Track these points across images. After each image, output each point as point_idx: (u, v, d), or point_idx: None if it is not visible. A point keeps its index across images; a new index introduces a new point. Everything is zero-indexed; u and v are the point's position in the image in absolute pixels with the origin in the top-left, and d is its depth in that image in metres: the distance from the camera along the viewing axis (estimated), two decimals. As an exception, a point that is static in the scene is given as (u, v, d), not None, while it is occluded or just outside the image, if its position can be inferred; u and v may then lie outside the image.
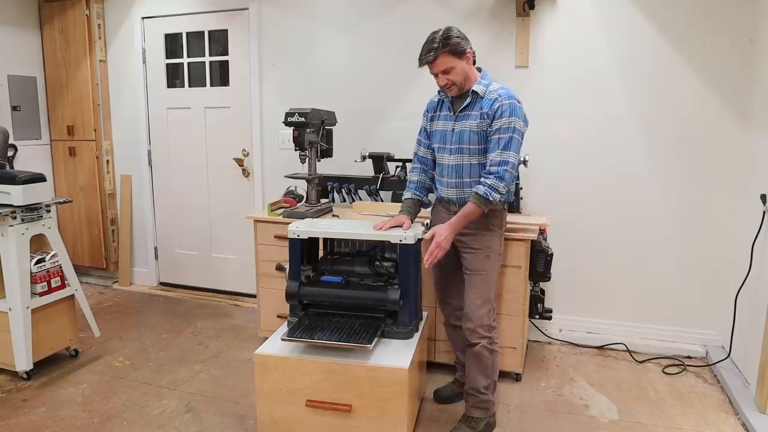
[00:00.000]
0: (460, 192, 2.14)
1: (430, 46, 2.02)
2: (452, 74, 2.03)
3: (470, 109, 2.09)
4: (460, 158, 2.12)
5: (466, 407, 2.23)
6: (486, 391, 2.16)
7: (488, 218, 2.13)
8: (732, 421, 2.29)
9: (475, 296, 2.12)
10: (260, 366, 2.06)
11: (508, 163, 2.00)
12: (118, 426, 2.26)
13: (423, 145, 2.30)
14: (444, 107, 2.19)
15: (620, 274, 2.99)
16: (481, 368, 2.14)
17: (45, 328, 2.66)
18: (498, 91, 2.05)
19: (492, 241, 2.15)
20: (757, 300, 2.42)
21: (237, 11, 3.54)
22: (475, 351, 2.12)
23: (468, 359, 2.18)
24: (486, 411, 2.19)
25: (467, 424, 2.18)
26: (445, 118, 2.17)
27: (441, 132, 2.18)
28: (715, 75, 2.71)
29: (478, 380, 2.16)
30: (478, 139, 2.07)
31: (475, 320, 2.11)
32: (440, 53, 2.00)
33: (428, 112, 2.27)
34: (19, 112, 3.81)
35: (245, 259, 3.72)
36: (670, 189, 2.86)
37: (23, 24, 3.81)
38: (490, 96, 2.05)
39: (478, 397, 2.17)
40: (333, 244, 2.43)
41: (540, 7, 2.91)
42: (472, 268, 2.15)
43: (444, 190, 2.19)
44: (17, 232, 2.51)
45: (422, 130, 2.30)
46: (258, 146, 3.62)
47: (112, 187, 4.05)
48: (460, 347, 2.39)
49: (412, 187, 2.31)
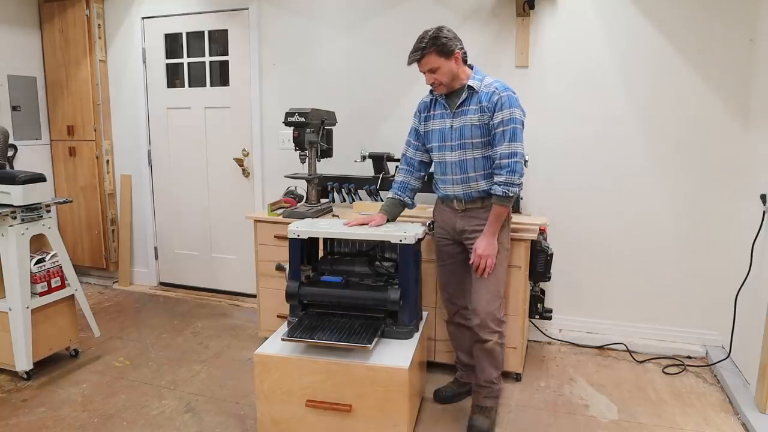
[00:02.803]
0: (467, 187, 2.14)
1: (418, 45, 2.05)
2: (438, 74, 2.06)
3: (468, 104, 2.10)
4: (464, 153, 2.12)
5: (477, 399, 2.26)
6: (498, 382, 2.24)
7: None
8: (732, 421, 2.29)
9: (486, 292, 2.14)
10: (260, 366, 2.06)
11: (517, 153, 2.04)
12: (118, 426, 2.26)
13: (412, 146, 2.30)
14: (438, 106, 2.19)
15: (620, 274, 2.99)
16: (493, 362, 2.19)
17: (45, 328, 2.66)
18: (494, 84, 2.08)
19: (501, 236, 2.15)
20: (757, 300, 2.42)
21: (237, 11, 3.54)
22: (488, 348, 2.15)
23: (479, 354, 2.20)
24: (497, 399, 2.28)
25: (482, 414, 2.22)
26: (442, 116, 2.17)
27: (439, 131, 2.17)
28: (715, 75, 2.71)
29: (491, 373, 2.20)
30: (480, 132, 2.09)
31: (486, 315, 2.13)
32: (427, 53, 2.03)
33: (420, 112, 2.26)
34: (19, 112, 3.81)
35: (245, 259, 3.72)
36: (670, 189, 2.86)
37: (23, 24, 3.80)
38: (487, 89, 2.08)
39: (491, 387, 2.23)
40: (333, 244, 2.43)
41: (540, 7, 2.91)
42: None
43: (449, 188, 2.18)
44: (17, 232, 2.51)
45: (413, 131, 2.30)
46: (258, 146, 3.62)
47: (112, 187, 4.05)
48: (463, 347, 2.40)
49: (395, 187, 2.33)
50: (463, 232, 2.19)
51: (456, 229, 2.21)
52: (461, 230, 2.19)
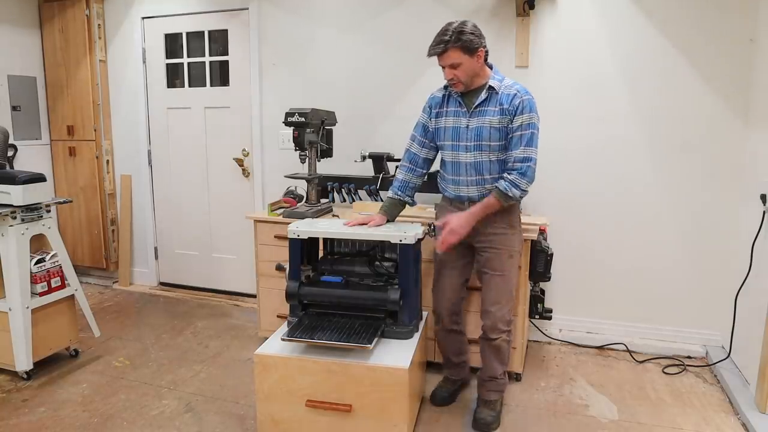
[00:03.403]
0: (482, 189, 2.10)
1: (441, 38, 1.95)
2: (459, 70, 1.99)
3: (487, 105, 2.04)
4: (480, 155, 2.07)
5: (482, 393, 2.28)
6: (503, 377, 2.26)
7: (512, 215, 2.13)
8: (732, 421, 2.29)
9: (499, 296, 2.13)
10: (260, 366, 2.06)
11: (531, 159, 2.01)
12: (118, 426, 2.26)
13: (418, 141, 2.23)
14: (451, 102, 2.12)
15: (620, 274, 2.99)
16: (499, 357, 2.22)
17: (45, 328, 2.66)
18: (515, 87, 2.03)
19: (514, 240, 2.14)
20: (757, 300, 2.42)
21: (237, 11, 3.54)
22: (495, 345, 2.17)
23: (486, 350, 2.23)
24: (501, 393, 2.30)
25: (488, 407, 2.25)
26: (457, 114, 2.10)
27: (453, 128, 2.11)
28: (715, 75, 2.71)
29: (497, 369, 2.23)
30: (499, 135, 2.04)
31: (498, 319, 2.14)
32: (450, 47, 1.95)
33: (431, 108, 2.18)
34: (19, 112, 3.81)
35: (245, 259, 3.72)
36: (670, 188, 2.85)
37: (23, 24, 3.80)
38: (508, 91, 2.02)
39: (496, 382, 2.26)
40: (333, 244, 2.43)
41: (540, 7, 2.91)
42: (495, 268, 2.13)
43: (463, 189, 2.13)
44: (17, 232, 2.51)
45: (420, 126, 2.22)
46: (258, 146, 3.62)
47: (112, 187, 4.05)
48: (454, 349, 2.39)
49: (396, 186, 2.27)
50: (476, 234, 2.12)
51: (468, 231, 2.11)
52: (474, 232, 2.10)
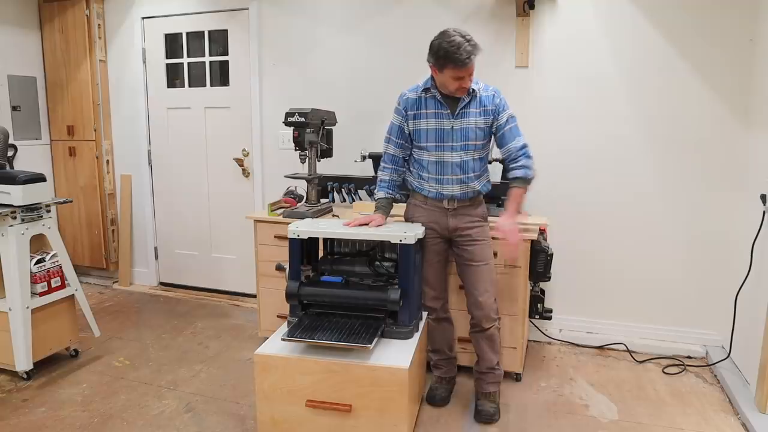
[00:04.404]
0: (465, 187, 2.21)
1: (468, 49, 1.98)
2: (470, 78, 2.10)
3: (469, 107, 2.16)
4: (465, 154, 2.19)
5: (480, 386, 2.35)
6: (498, 366, 2.35)
7: (483, 208, 2.29)
8: (732, 421, 2.29)
9: (489, 284, 2.24)
10: (260, 366, 2.06)
11: (526, 145, 2.20)
12: (118, 426, 2.26)
13: (394, 143, 2.30)
14: (429, 105, 2.19)
15: (620, 274, 2.99)
16: (493, 347, 2.31)
17: (45, 328, 2.66)
18: (489, 88, 2.20)
19: (488, 231, 2.28)
20: (757, 300, 2.42)
21: (237, 11, 3.54)
22: (489, 334, 2.28)
23: (480, 342, 2.30)
24: (499, 384, 2.38)
25: (489, 399, 2.32)
26: (439, 116, 2.17)
27: (435, 130, 2.19)
28: (715, 74, 2.71)
29: (492, 358, 2.31)
30: (483, 135, 2.20)
31: (489, 307, 2.23)
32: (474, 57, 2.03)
33: (406, 110, 2.23)
34: (19, 112, 3.81)
35: (245, 259, 3.72)
36: (670, 188, 2.86)
37: (23, 24, 3.81)
38: (486, 93, 2.18)
39: (493, 373, 2.33)
40: (333, 244, 2.43)
41: (540, 7, 2.91)
42: (480, 259, 2.24)
43: (446, 188, 2.21)
44: (17, 232, 2.51)
45: (395, 128, 2.28)
46: (258, 146, 3.62)
47: (112, 187, 4.05)
48: (444, 339, 2.44)
49: (384, 186, 2.34)
50: (457, 229, 2.25)
51: (449, 228, 2.25)
52: (454, 228, 2.25)
